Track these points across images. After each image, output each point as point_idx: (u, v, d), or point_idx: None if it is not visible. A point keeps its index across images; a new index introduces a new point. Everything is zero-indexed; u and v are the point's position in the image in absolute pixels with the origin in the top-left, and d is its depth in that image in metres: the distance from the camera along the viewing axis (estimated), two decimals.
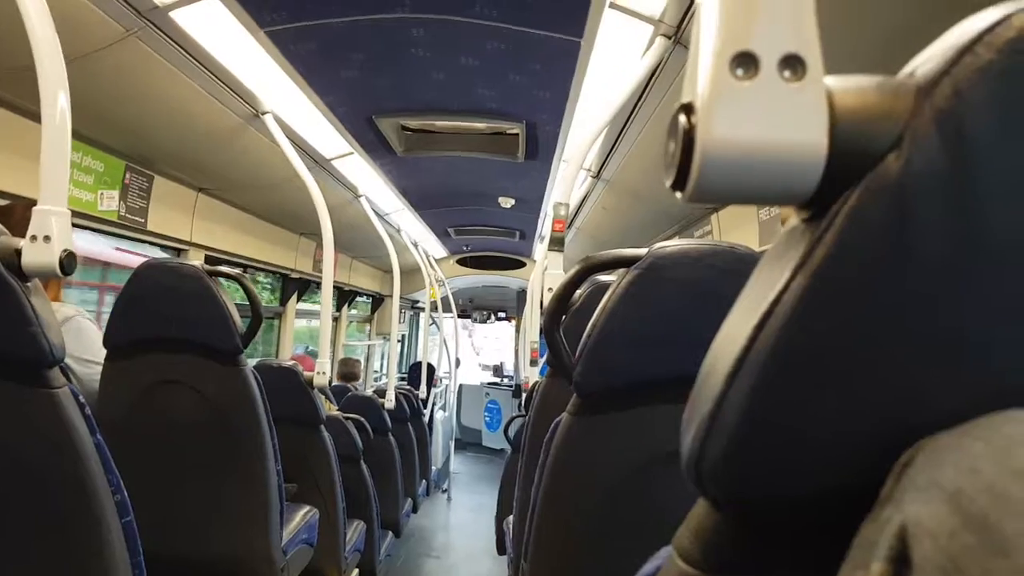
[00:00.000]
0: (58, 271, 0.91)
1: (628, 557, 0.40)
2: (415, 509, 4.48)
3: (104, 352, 1.60)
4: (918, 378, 0.26)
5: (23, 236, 0.90)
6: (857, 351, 0.26)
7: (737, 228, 2.57)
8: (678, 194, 0.29)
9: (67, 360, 1.56)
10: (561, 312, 1.07)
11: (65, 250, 0.92)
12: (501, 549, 2.87)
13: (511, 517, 2.08)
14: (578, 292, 1.45)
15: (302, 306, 4.24)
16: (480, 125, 2.73)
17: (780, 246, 0.29)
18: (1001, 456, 0.20)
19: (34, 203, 0.94)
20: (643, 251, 0.89)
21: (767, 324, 0.27)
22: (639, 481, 0.90)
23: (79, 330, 1.59)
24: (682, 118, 0.27)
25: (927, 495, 0.21)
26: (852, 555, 0.24)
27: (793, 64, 0.26)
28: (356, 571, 2.93)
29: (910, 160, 0.25)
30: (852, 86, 0.26)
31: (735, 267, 0.84)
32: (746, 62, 0.26)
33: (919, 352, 0.26)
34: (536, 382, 1.97)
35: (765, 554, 0.31)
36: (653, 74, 1.81)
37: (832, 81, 0.26)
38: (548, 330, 1.06)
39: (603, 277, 1.34)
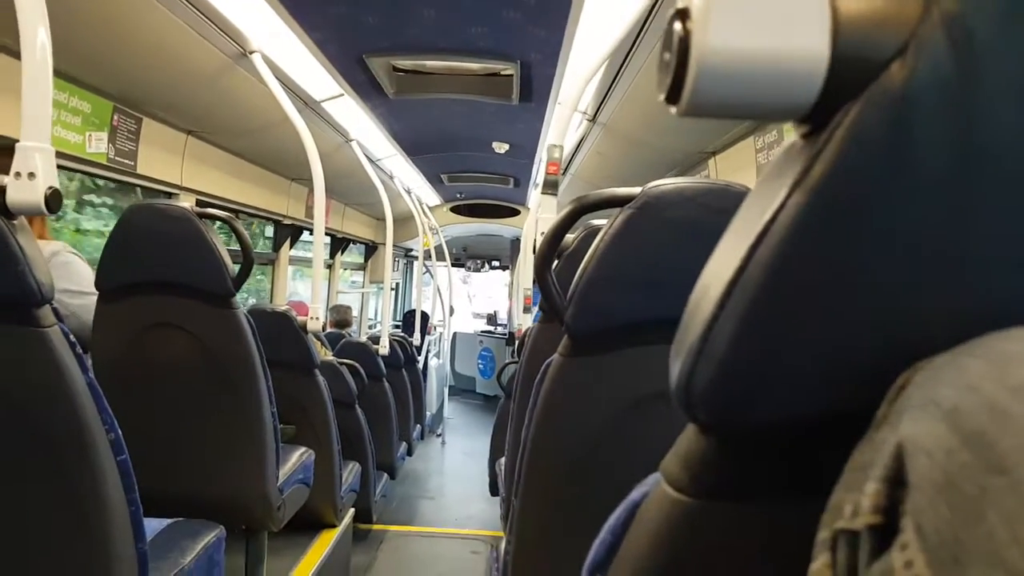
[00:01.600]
0: (44, 208, 0.90)
1: (617, 491, 0.40)
2: (410, 452, 4.55)
3: (92, 283, 1.60)
4: (916, 299, 0.25)
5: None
6: (855, 271, 0.26)
7: (735, 172, 2.55)
8: (672, 109, 0.28)
9: (57, 294, 1.56)
10: (553, 254, 1.07)
11: (50, 187, 0.91)
12: (494, 490, 2.93)
13: (503, 459, 2.12)
14: (571, 236, 1.44)
15: (295, 252, 4.21)
16: (473, 65, 2.67)
17: (777, 164, 0.28)
18: (999, 373, 0.20)
19: (11, 146, 0.92)
20: (636, 190, 0.88)
21: (762, 244, 0.27)
22: (629, 420, 0.91)
23: (66, 263, 1.58)
24: (677, 25, 0.26)
25: (924, 413, 0.21)
26: (845, 478, 0.23)
27: None
28: (352, 511, 3.00)
29: (915, 68, 0.24)
30: None
31: (731, 206, 0.82)
32: None
33: (918, 272, 0.25)
34: (528, 328, 1.98)
35: (754, 479, 0.31)
36: (651, 11, 1.76)
37: None
38: (539, 273, 1.05)
39: (596, 221, 1.33)
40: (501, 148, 4.14)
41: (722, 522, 0.31)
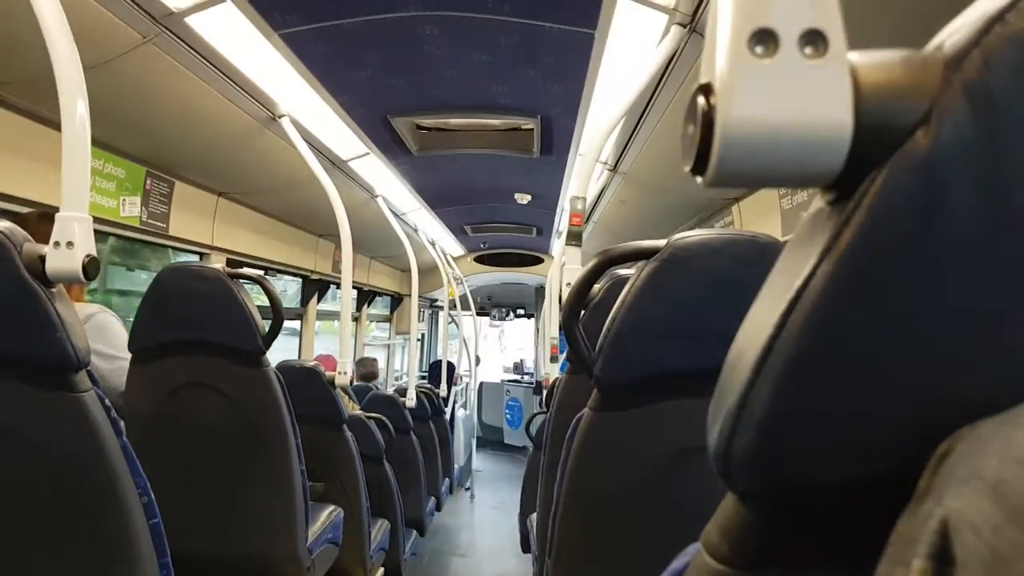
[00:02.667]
0: (81, 276, 0.92)
1: (654, 554, 0.39)
2: (439, 507, 4.49)
3: (126, 345, 1.63)
4: (953, 363, 0.25)
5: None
6: (888, 337, 0.25)
7: (759, 218, 2.54)
8: (698, 179, 0.28)
9: (93, 358, 1.59)
10: (580, 306, 1.07)
11: (88, 255, 0.93)
12: (525, 547, 2.86)
13: (535, 515, 2.08)
14: (597, 287, 1.44)
15: (323, 307, 4.26)
16: (494, 121, 2.73)
17: (805, 231, 0.28)
18: None
19: (49, 213, 0.95)
20: (662, 243, 0.88)
21: (794, 311, 0.26)
22: (663, 477, 0.89)
23: (102, 326, 1.62)
24: (700, 99, 0.26)
25: (969, 487, 0.20)
26: (891, 551, 0.23)
27: (814, 40, 0.25)
28: (381, 570, 2.95)
29: (940, 135, 0.24)
30: (877, 61, 0.25)
31: (757, 257, 0.82)
32: (765, 39, 0.25)
33: (952, 336, 0.25)
34: (556, 378, 1.96)
35: (795, 549, 0.30)
36: (669, 64, 1.79)
37: (856, 57, 0.25)
38: (567, 325, 1.05)
39: (622, 271, 1.33)
40: (523, 199, 4.19)
41: None
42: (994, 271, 0.24)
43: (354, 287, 4.83)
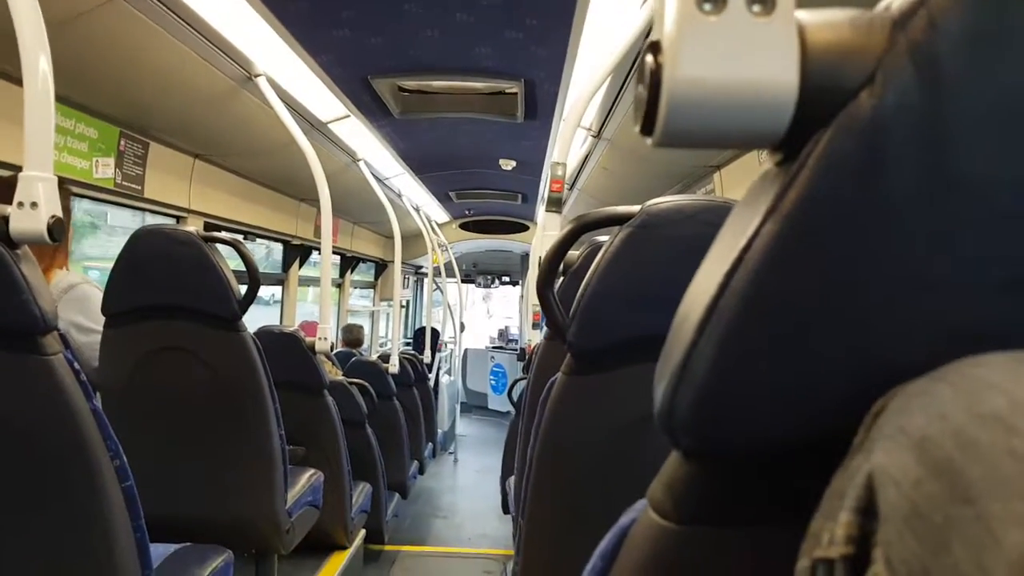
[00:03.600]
0: (46, 237, 0.90)
1: (620, 511, 0.40)
2: (421, 471, 4.54)
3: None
4: (891, 324, 0.25)
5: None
6: (829, 297, 0.25)
7: (740, 184, 2.55)
8: (648, 140, 0.28)
9: (71, 328, 1.57)
10: (554, 273, 1.06)
11: (53, 216, 0.91)
12: (506, 508, 2.91)
13: (513, 477, 2.10)
14: (576, 253, 1.44)
15: (305, 272, 4.24)
16: (478, 85, 2.69)
17: (753, 191, 0.28)
18: (969, 400, 0.19)
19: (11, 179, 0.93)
20: (636, 208, 0.88)
21: (737, 272, 0.27)
22: (631, 438, 0.90)
23: (84, 297, 1.59)
24: (649, 58, 0.26)
25: (894, 443, 0.21)
26: (824, 505, 0.23)
27: None
28: (363, 531, 2.99)
29: (883, 96, 0.24)
30: (824, 21, 0.25)
31: None
32: None
33: (892, 297, 0.25)
34: (537, 344, 1.97)
35: (737, 505, 0.30)
36: (652, 27, 1.77)
37: (804, 16, 0.25)
38: (541, 291, 1.05)
39: (602, 238, 1.33)
40: (508, 165, 4.16)
41: (706, 548, 0.31)
42: (935, 233, 0.24)
43: (336, 253, 4.81)
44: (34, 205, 0.90)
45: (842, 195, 0.24)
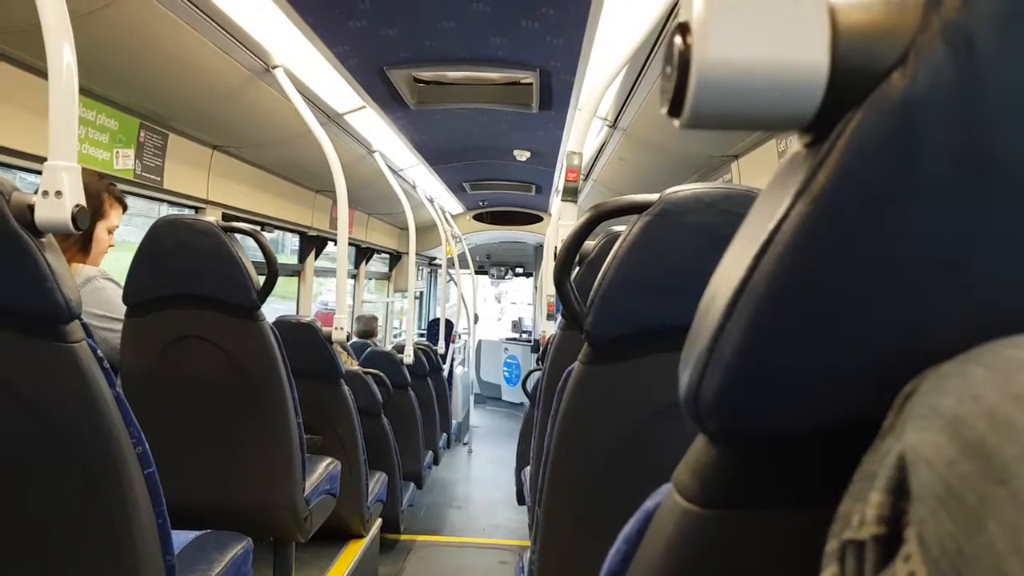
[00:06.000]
0: (71, 226, 0.92)
1: (639, 499, 0.40)
2: (436, 461, 4.56)
3: (124, 310, 1.63)
4: (921, 307, 0.25)
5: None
6: (860, 279, 0.25)
7: (759, 174, 2.52)
8: (675, 121, 0.28)
9: (88, 319, 1.59)
10: (571, 262, 1.06)
11: (77, 205, 0.93)
12: (520, 499, 2.92)
13: (529, 467, 2.11)
14: (592, 243, 1.44)
15: (321, 263, 4.26)
16: (493, 75, 2.69)
17: (782, 174, 0.28)
18: (1002, 381, 0.19)
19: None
20: (654, 197, 0.88)
21: (766, 254, 0.26)
22: (650, 428, 0.90)
23: (99, 289, 1.62)
24: (677, 39, 0.26)
25: (926, 423, 0.20)
26: (853, 488, 0.23)
27: None
28: (379, 520, 3.01)
29: (916, 77, 0.23)
30: (855, 1, 0.25)
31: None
32: None
33: (922, 279, 0.25)
34: (552, 335, 1.97)
35: (764, 489, 0.30)
36: (669, 15, 1.76)
37: None
38: (558, 280, 1.05)
39: (618, 227, 1.33)
40: (522, 156, 4.15)
41: (733, 532, 0.31)
42: (966, 217, 0.24)
43: (352, 244, 4.82)
44: (59, 194, 0.91)
45: (873, 176, 0.24)
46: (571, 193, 1.81)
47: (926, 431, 0.20)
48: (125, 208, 1.75)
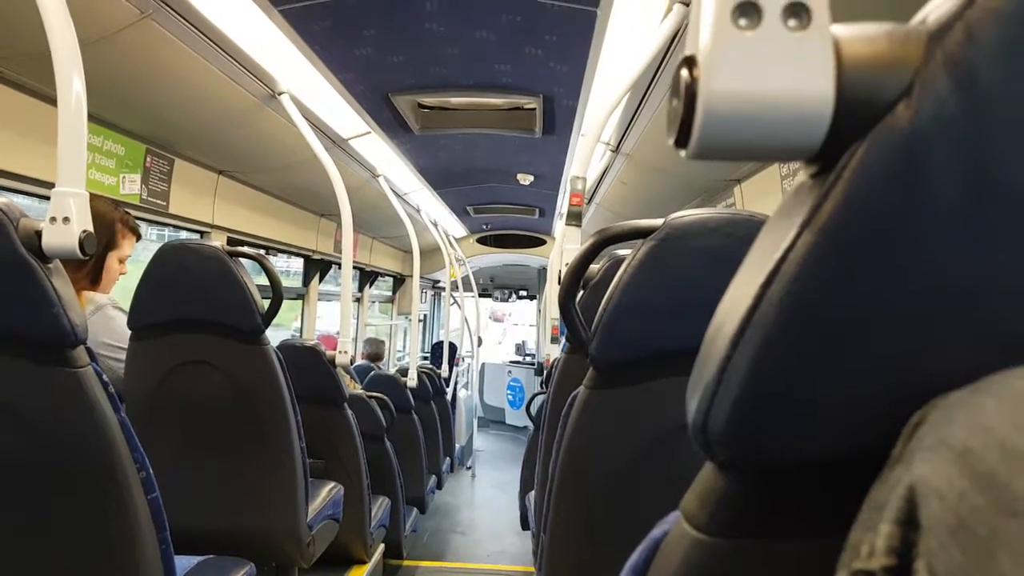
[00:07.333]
0: (78, 252, 0.92)
1: (645, 528, 0.39)
2: (439, 486, 4.53)
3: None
4: (929, 336, 0.25)
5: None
6: (865, 309, 0.25)
7: (761, 199, 2.53)
8: (682, 152, 0.28)
9: (96, 348, 1.60)
10: (576, 286, 1.07)
11: (84, 231, 0.93)
12: (525, 524, 2.89)
13: (533, 492, 2.09)
14: (596, 267, 1.44)
15: (325, 287, 4.27)
16: (496, 101, 2.71)
17: (787, 204, 0.29)
18: (1012, 412, 0.19)
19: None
20: (659, 222, 0.88)
21: (773, 283, 0.27)
22: (656, 453, 0.89)
23: (110, 319, 1.62)
24: (684, 72, 0.26)
25: (936, 454, 0.20)
26: (863, 517, 0.23)
27: (798, 12, 0.25)
28: (382, 546, 2.98)
29: (920, 109, 0.24)
30: (860, 34, 0.25)
31: (754, 236, 0.82)
32: (748, 11, 0.25)
33: (930, 309, 0.25)
34: (556, 359, 1.97)
35: (773, 517, 0.30)
36: (671, 42, 1.78)
37: (839, 29, 0.25)
38: (563, 304, 1.05)
39: (622, 251, 1.33)
40: (526, 179, 4.18)
41: (741, 561, 0.31)
42: (972, 248, 0.24)
43: (356, 267, 4.84)
44: (66, 220, 0.92)
45: (879, 207, 0.24)
46: (575, 217, 1.82)
47: (936, 462, 0.20)
48: (139, 237, 1.76)
